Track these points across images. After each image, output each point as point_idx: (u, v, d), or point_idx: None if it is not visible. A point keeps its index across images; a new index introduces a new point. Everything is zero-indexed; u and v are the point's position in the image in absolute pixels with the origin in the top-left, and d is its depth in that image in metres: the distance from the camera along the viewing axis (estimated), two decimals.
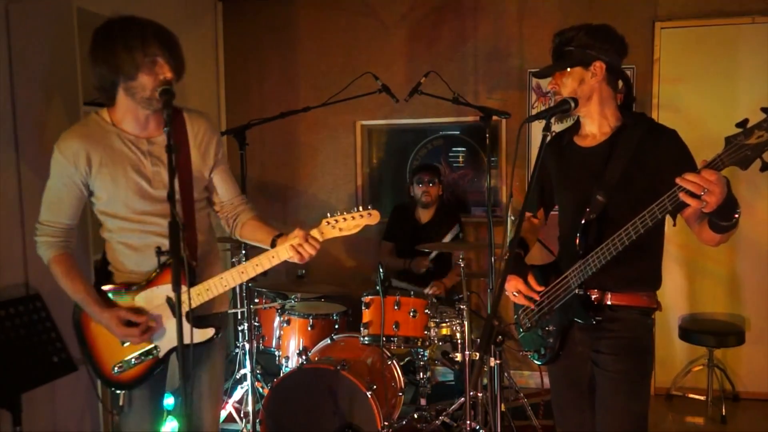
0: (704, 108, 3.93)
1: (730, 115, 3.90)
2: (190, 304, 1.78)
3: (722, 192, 1.60)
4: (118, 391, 2.09)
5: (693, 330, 3.87)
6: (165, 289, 2.02)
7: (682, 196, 1.64)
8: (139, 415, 2.10)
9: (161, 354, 2.05)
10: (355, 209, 2.03)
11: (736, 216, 1.71)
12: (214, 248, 2.24)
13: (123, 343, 2.02)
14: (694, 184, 1.60)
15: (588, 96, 1.96)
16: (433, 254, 3.90)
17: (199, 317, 2.02)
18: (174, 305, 2.01)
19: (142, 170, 2.01)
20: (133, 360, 2.03)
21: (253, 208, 2.25)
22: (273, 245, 2.07)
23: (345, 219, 2.02)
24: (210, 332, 2.07)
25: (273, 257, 2.02)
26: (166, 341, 2.05)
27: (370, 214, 2.02)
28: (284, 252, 2.01)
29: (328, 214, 2.03)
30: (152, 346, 2.04)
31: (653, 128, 1.99)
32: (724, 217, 1.71)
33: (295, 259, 2.02)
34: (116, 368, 2.02)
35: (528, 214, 2.29)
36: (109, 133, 2.00)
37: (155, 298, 2.02)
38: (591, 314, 1.96)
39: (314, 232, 2.02)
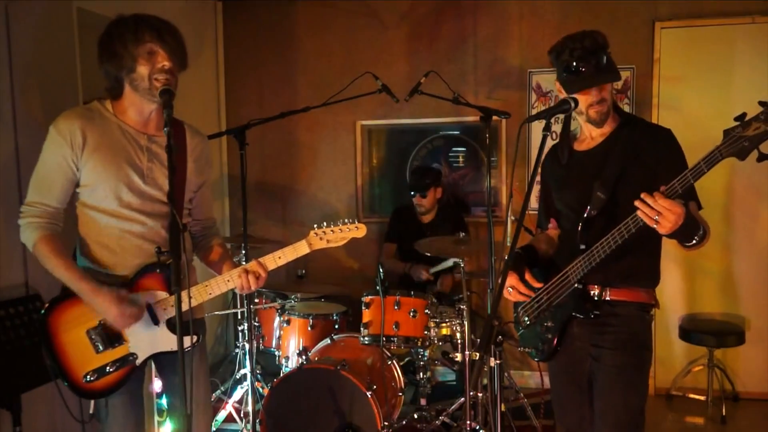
0: (704, 108, 3.93)
1: (730, 115, 3.87)
2: (191, 307, 1.79)
3: (675, 221, 1.68)
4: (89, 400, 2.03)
5: (693, 330, 3.87)
6: (145, 296, 1.99)
7: (640, 215, 1.73)
8: (121, 424, 2.04)
9: (139, 361, 2.01)
10: (342, 222, 2.08)
11: (696, 240, 1.80)
12: (192, 256, 2.26)
13: (98, 350, 1.96)
14: (649, 208, 1.69)
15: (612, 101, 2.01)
16: (434, 270, 3.87)
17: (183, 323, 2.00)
18: (154, 313, 2.00)
19: (136, 163, 1.99)
20: (108, 368, 1.96)
21: (220, 235, 2.33)
22: None
23: (333, 231, 2.07)
24: (193, 339, 2.03)
25: (228, 281, 2.08)
26: (145, 348, 2.01)
27: (357, 227, 2.08)
28: (223, 285, 2.07)
29: (315, 226, 2.07)
30: (129, 353, 1.99)
31: (649, 127, 2.04)
32: (682, 240, 1.81)
33: (237, 288, 2.07)
34: (89, 377, 1.95)
35: (538, 230, 2.32)
36: (109, 122, 1.99)
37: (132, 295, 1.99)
38: (589, 307, 1.97)
39: (302, 244, 2.07)
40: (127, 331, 2.00)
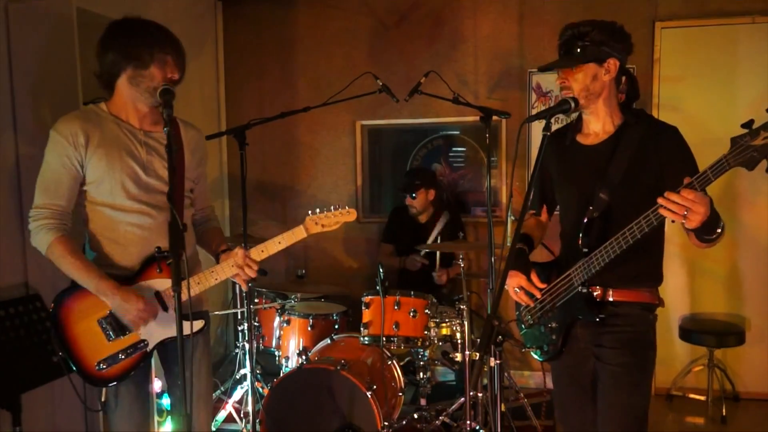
0: (704, 108, 3.93)
1: (730, 115, 3.93)
2: (189, 295, 1.81)
3: (705, 212, 1.64)
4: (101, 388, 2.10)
5: (693, 330, 3.87)
6: (154, 284, 2.06)
7: (663, 212, 1.69)
8: (128, 413, 2.10)
9: (149, 348, 2.07)
10: (334, 207, 2.20)
11: (719, 231, 1.78)
12: (195, 248, 2.32)
13: (109, 338, 2.02)
14: (676, 204, 1.65)
15: (598, 93, 1.96)
16: (424, 252, 3.89)
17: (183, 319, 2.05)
18: (163, 300, 2.07)
19: (136, 156, 2.06)
20: (120, 355, 2.03)
21: (217, 220, 2.44)
22: (216, 258, 2.22)
23: (326, 216, 2.19)
24: (200, 323, 2.16)
25: (214, 272, 2.14)
26: (155, 335, 2.08)
27: (348, 212, 2.20)
28: (228, 270, 2.13)
29: (309, 212, 2.19)
30: (140, 339, 2.05)
31: (655, 125, 2.00)
32: (706, 232, 1.77)
33: (238, 281, 2.15)
34: (101, 365, 2.01)
35: (531, 211, 2.30)
36: (106, 121, 2.06)
37: (143, 293, 2.04)
38: (595, 312, 1.96)
39: (299, 229, 2.16)
40: None
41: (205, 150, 2.32)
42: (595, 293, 1.99)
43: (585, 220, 1.97)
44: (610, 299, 1.98)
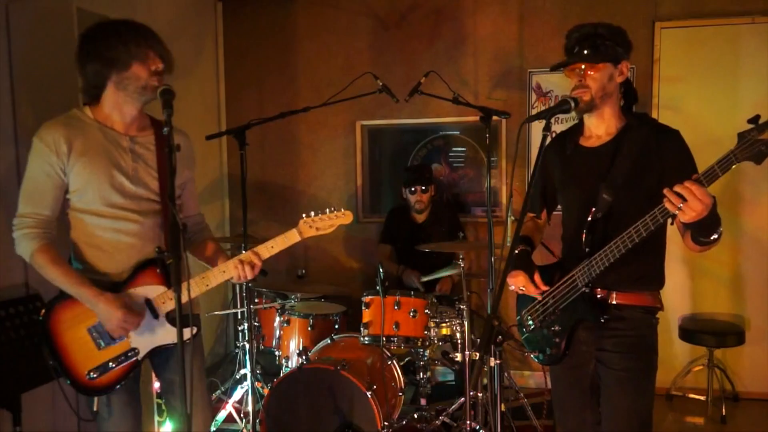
0: (704, 108, 3.93)
1: (730, 115, 3.93)
2: (190, 299, 1.80)
3: (701, 210, 1.64)
4: (93, 397, 2.07)
5: (693, 330, 3.87)
6: (143, 291, 2.03)
7: (666, 203, 1.69)
8: (119, 421, 2.08)
9: (140, 356, 2.04)
10: (329, 210, 2.15)
11: (715, 236, 1.78)
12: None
13: (99, 347, 1.99)
14: (675, 195, 1.65)
15: (610, 94, 1.97)
16: (425, 279, 3.87)
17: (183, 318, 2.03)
18: (154, 307, 2.04)
19: (120, 164, 2.03)
20: (111, 363, 2.00)
21: (209, 229, 2.38)
22: None
23: (321, 219, 2.13)
24: (193, 330, 2.09)
25: (224, 272, 2.11)
26: (146, 343, 2.05)
27: (344, 214, 2.15)
28: (219, 275, 2.10)
29: (304, 215, 2.13)
30: (131, 348, 2.02)
31: (657, 128, 2.01)
32: (703, 233, 1.78)
33: (234, 278, 2.10)
34: (92, 374, 1.98)
35: (531, 214, 2.30)
36: (90, 127, 2.03)
37: (133, 300, 2.01)
38: (599, 313, 1.96)
39: (293, 232, 2.11)
40: None
41: (193, 155, 2.28)
42: (598, 296, 1.99)
43: (588, 220, 1.97)
44: (614, 302, 1.98)
